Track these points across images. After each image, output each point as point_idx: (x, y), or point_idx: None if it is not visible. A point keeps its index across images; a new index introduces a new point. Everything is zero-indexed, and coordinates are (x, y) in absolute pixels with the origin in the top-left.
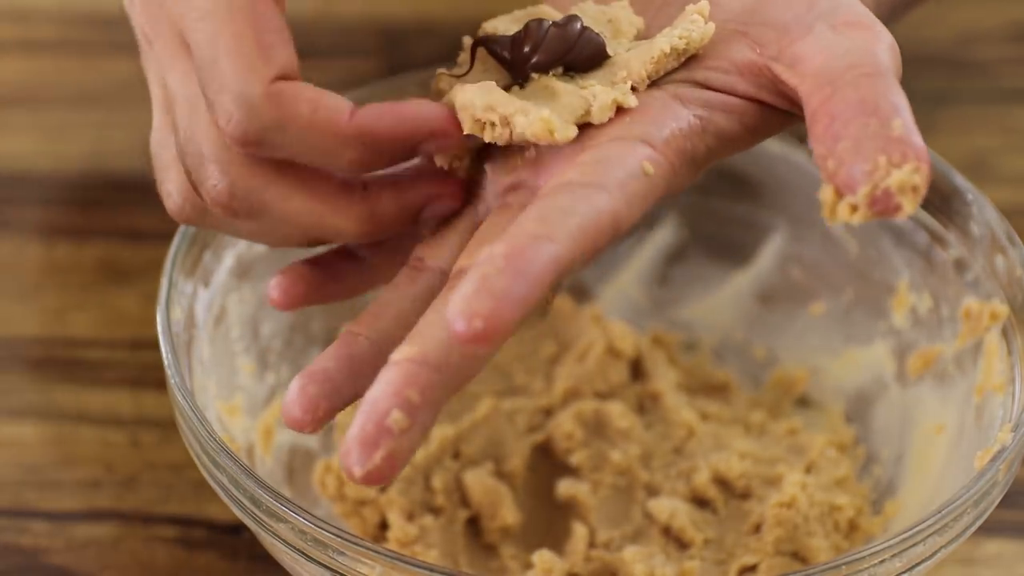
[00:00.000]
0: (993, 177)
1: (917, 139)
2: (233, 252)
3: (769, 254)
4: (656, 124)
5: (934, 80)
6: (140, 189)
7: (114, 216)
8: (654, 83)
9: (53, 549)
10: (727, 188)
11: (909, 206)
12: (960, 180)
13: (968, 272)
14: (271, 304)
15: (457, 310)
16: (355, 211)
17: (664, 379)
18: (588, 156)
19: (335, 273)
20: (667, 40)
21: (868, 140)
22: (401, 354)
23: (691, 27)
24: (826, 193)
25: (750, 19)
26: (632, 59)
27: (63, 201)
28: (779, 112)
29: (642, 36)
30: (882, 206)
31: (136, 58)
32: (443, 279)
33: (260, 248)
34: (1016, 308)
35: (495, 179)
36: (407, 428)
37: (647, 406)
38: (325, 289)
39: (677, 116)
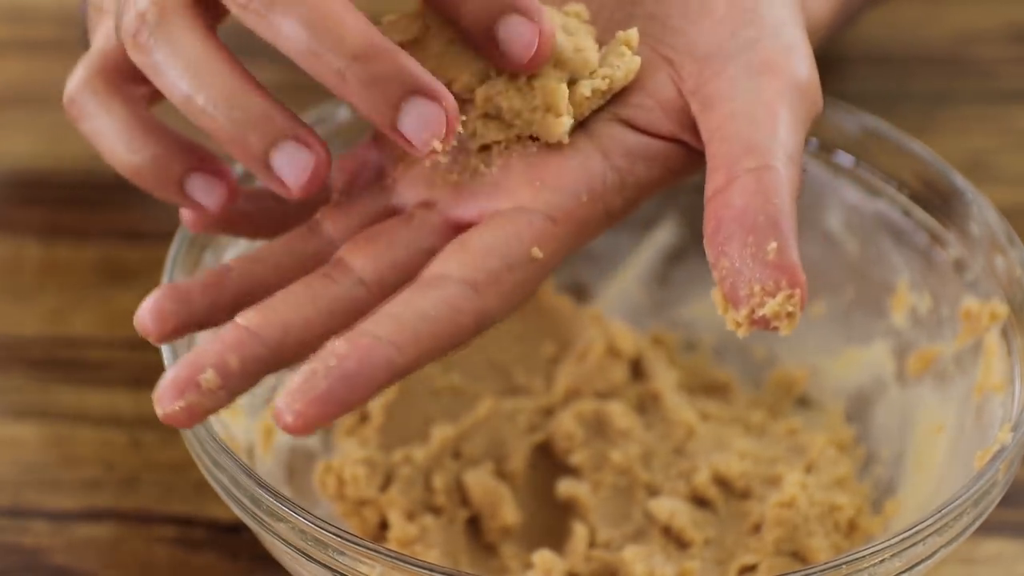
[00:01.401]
0: (992, 177)
1: (793, 261)
2: (233, 252)
3: None
4: (567, 191)
5: (933, 80)
6: (140, 189)
7: (114, 216)
8: (580, 123)
9: (53, 549)
10: None
11: (785, 329)
12: (959, 180)
13: (968, 272)
14: (185, 224)
15: (282, 402)
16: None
17: (664, 379)
18: (478, 240)
19: (260, 207)
20: (589, 85)
21: (747, 263)
22: (245, 318)
23: (617, 63)
24: (717, 296)
25: (675, 41)
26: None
27: (63, 201)
28: (700, 154)
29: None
30: (761, 327)
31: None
32: (332, 248)
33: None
34: (1016, 308)
35: (414, 183)
36: (215, 389)
37: (647, 406)
38: (237, 219)
39: (593, 175)
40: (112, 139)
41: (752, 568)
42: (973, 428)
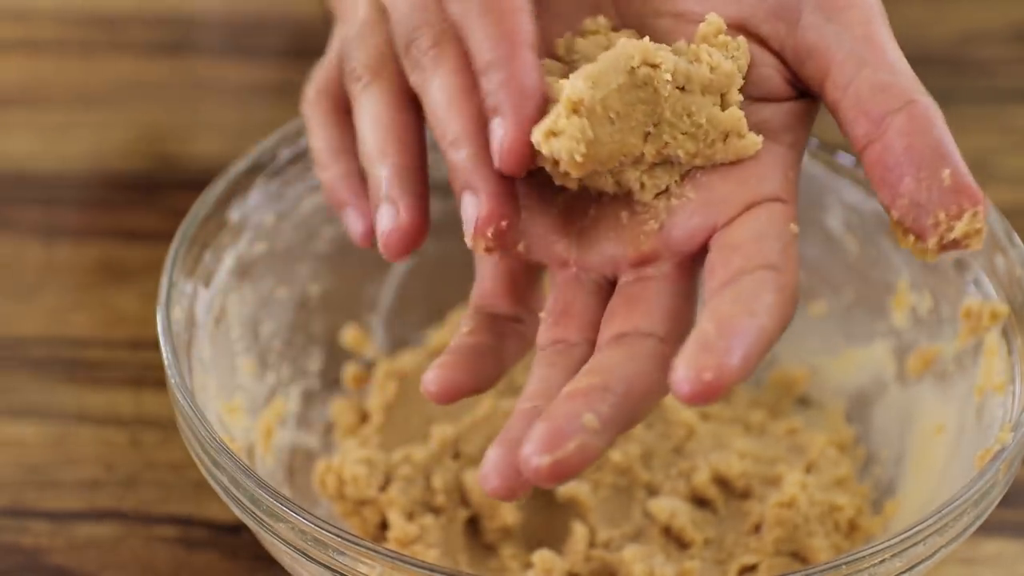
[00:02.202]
0: (993, 177)
1: (968, 181)
2: (233, 252)
3: None
4: (776, 174)
5: (934, 80)
6: (140, 189)
7: (114, 216)
8: None
9: (54, 549)
10: None
11: (976, 245)
12: None
13: (968, 272)
14: (430, 398)
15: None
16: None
17: None
18: (741, 234)
19: (476, 360)
20: (730, 86)
21: (925, 195)
22: (583, 382)
23: (732, 52)
24: (898, 232)
25: (739, 9)
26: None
27: (63, 201)
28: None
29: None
30: (952, 249)
31: (137, 58)
32: (590, 350)
33: (260, 248)
34: (1016, 308)
35: (617, 246)
36: (599, 431)
37: None
38: (472, 379)
39: (776, 156)
40: (316, 152)
41: (752, 568)
42: (973, 428)
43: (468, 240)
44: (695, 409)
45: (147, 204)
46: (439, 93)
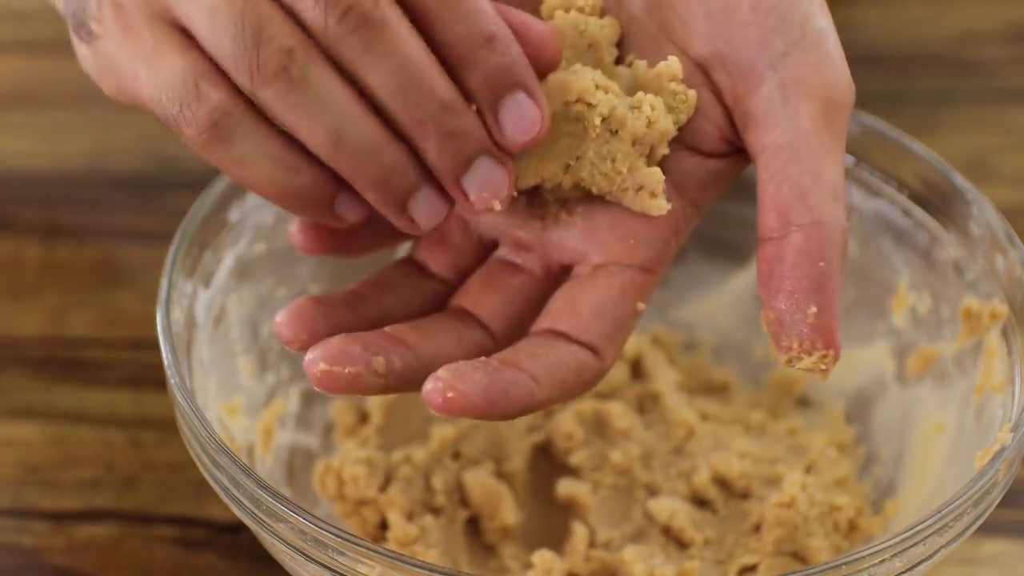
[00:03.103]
0: (993, 177)
1: (828, 324)
2: (233, 252)
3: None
4: (658, 242)
5: (934, 80)
6: (140, 189)
7: (114, 216)
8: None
9: (53, 549)
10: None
11: (820, 377)
12: (960, 180)
13: (968, 272)
14: (294, 243)
15: (440, 379)
16: (374, 129)
17: (664, 379)
18: (588, 303)
19: (355, 229)
20: (662, 141)
21: (788, 319)
22: (401, 332)
23: (676, 103)
24: (765, 327)
25: (703, 47)
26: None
27: (63, 201)
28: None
29: (620, 38)
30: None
31: None
32: (439, 284)
33: (260, 249)
34: (1016, 308)
35: (496, 219)
36: (381, 375)
37: (647, 406)
38: (340, 240)
39: (676, 218)
40: (268, 163)
41: (752, 568)
42: (973, 428)
43: (484, 206)
44: (695, 409)
45: (147, 204)
46: (402, 57)
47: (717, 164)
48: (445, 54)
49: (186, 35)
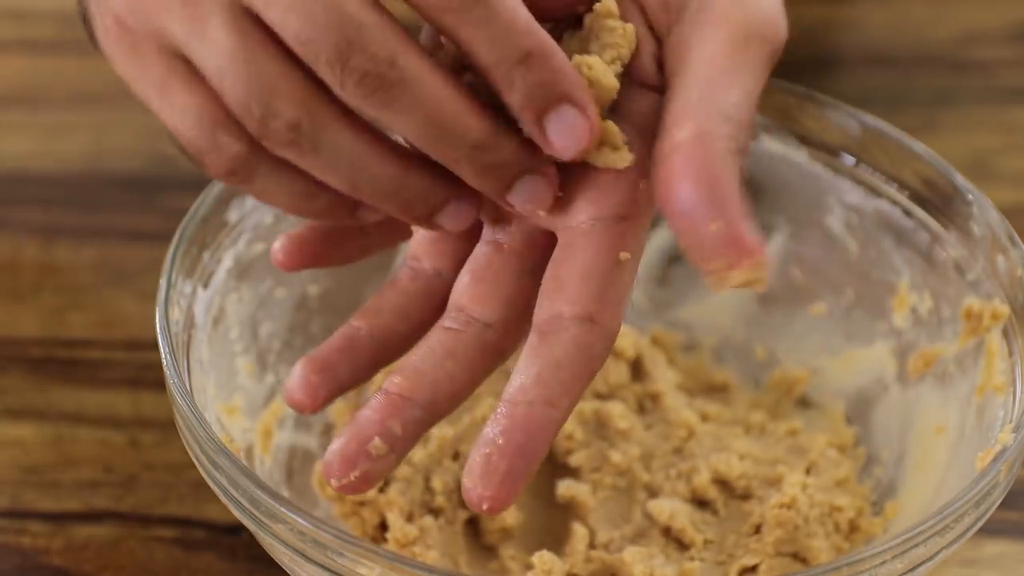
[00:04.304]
0: (994, 177)
1: (737, 232)
2: (232, 253)
3: (769, 254)
4: (625, 186)
5: (935, 80)
6: (140, 189)
7: (113, 216)
8: None
9: (52, 549)
10: None
11: (760, 288)
12: (960, 180)
13: (969, 272)
14: (276, 265)
15: (473, 491)
16: (391, 170)
17: (664, 379)
18: (569, 272)
19: (335, 238)
20: (614, 84)
21: (700, 240)
22: (395, 385)
23: (616, 40)
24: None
25: None
26: None
27: (62, 201)
28: None
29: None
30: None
31: None
32: (440, 281)
33: (259, 249)
34: (1017, 308)
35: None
36: (384, 455)
37: (647, 406)
38: (326, 254)
39: (641, 158)
40: (286, 195)
41: (752, 569)
42: (974, 429)
43: (531, 212)
44: (695, 410)
45: (146, 204)
46: (426, 109)
47: (658, 96)
48: (484, 75)
49: (193, 67)
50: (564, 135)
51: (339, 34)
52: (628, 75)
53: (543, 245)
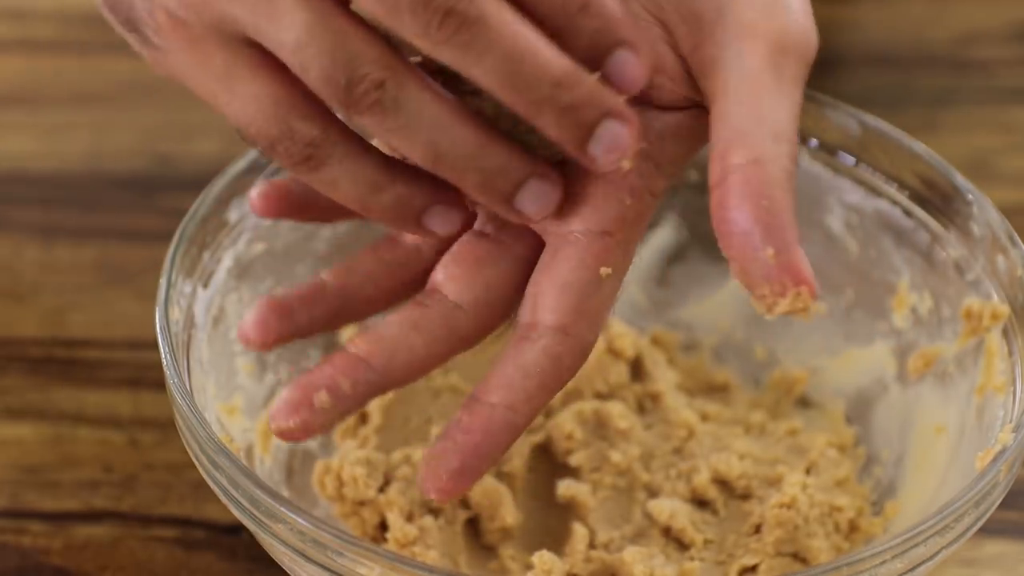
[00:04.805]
0: (994, 177)
1: (791, 261)
2: (232, 253)
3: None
4: (612, 201)
5: (935, 80)
6: (139, 189)
7: (113, 216)
8: None
9: (52, 549)
10: None
11: (806, 318)
12: (960, 180)
13: (969, 272)
14: (252, 209)
15: (426, 480)
16: (473, 135)
17: (664, 379)
18: (549, 281)
19: (316, 193)
20: None
21: (752, 264)
22: (355, 346)
23: None
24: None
25: (669, 3)
26: None
27: (62, 201)
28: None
29: None
30: (784, 314)
31: (135, 58)
32: (419, 256)
33: (259, 249)
34: (1017, 308)
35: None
36: (327, 409)
37: (647, 406)
38: (304, 206)
39: (629, 173)
40: (354, 186)
41: (752, 569)
42: (974, 429)
43: (614, 166)
44: (695, 410)
45: (146, 204)
46: (506, 47)
47: (673, 118)
48: (541, 23)
49: (260, 51)
50: (623, 78)
51: None
52: (640, 97)
53: (531, 243)
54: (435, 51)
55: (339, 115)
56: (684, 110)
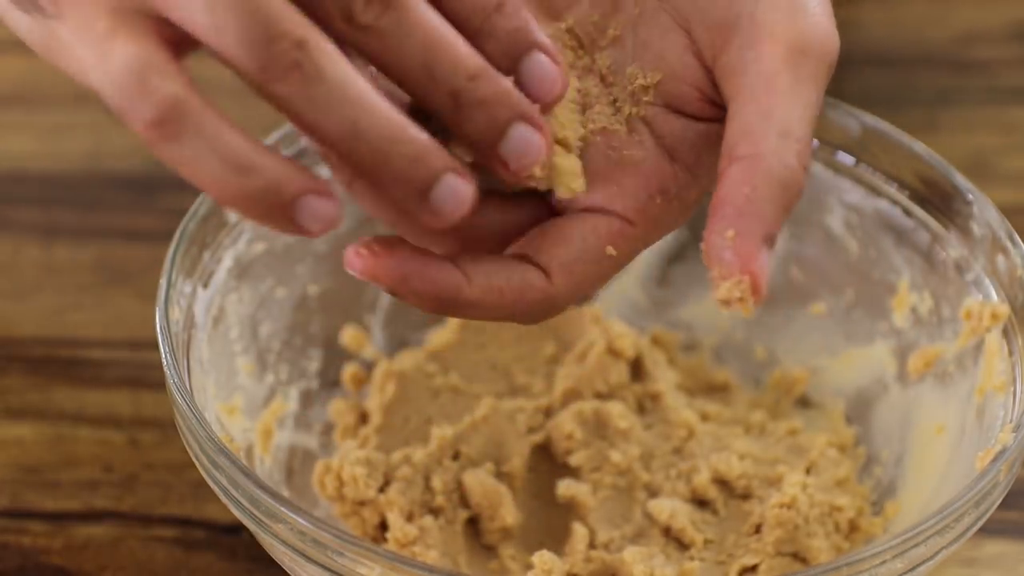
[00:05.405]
0: (994, 177)
1: (746, 249)
2: (232, 252)
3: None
4: (642, 195)
5: (935, 80)
6: (138, 189)
7: (113, 216)
8: (647, 123)
9: (52, 549)
10: None
11: (744, 311)
12: (961, 180)
13: (969, 272)
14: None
15: (361, 242)
16: (393, 115)
17: (664, 379)
18: (556, 231)
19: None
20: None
21: (711, 241)
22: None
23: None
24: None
25: (686, 6)
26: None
27: (62, 201)
28: None
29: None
30: (724, 307)
31: None
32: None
33: (259, 248)
34: (1017, 308)
35: None
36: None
37: (647, 406)
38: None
39: (665, 178)
40: (218, 163)
41: (752, 569)
42: (974, 429)
43: (525, 172)
44: (695, 410)
45: (145, 204)
46: (426, 35)
47: (707, 128)
48: (457, 24)
49: (148, 19)
50: (539, 82)
51: None
52: (661, 100)
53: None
54: (357, 35)
55: (254, 83)
56: (717, 120)
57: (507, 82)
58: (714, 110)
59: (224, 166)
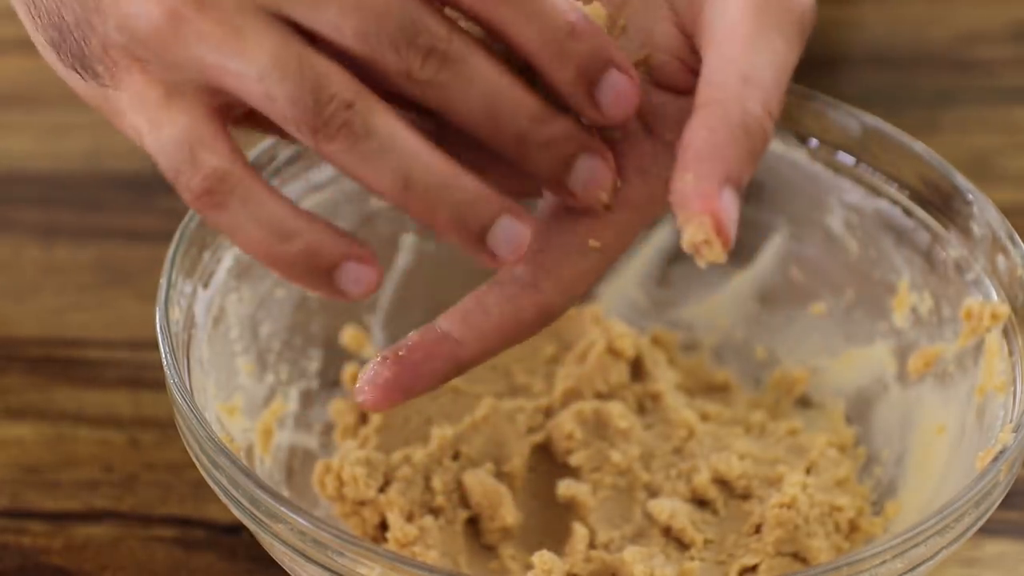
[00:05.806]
0: (994, 177)
1: (706, 190)
2: (232, 252)
3: (769, 254)
4: (619, 177)
5: (935, 80)
6: (138, 189)
7: (113, 216)
8: None
9: (52, 549)
10: None
11: (710, 255)
12: (961, 180)
13: (969, 272)
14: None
15: (359, 383)
16: (444, 165)
17: (664, 379)
18: (536, 236)
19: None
20: None
21: (674, 188)
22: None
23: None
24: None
25: None
26: None
27: (62, 201)
28: None
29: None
30: (698, 255)
31: None
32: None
33: None
34: (1017, 308)
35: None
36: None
37: (647, 406)
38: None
39: (643, 155)
40: (262, 230)
41: (753, 569)
42: (974, 429)
43: (593, 200)
44: (695, 410)
45: (145, 204)
46: (486, 84)
47: (687, 102)
48: (528, 55)
49: (201, 92)
50: (616, 100)
51: (401, 17)
52: (645, 74)
53: None
54: (416, 89)
55: (307, 142)
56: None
57: (568, 120)
58: (695, 80)
59: (266, 232)
